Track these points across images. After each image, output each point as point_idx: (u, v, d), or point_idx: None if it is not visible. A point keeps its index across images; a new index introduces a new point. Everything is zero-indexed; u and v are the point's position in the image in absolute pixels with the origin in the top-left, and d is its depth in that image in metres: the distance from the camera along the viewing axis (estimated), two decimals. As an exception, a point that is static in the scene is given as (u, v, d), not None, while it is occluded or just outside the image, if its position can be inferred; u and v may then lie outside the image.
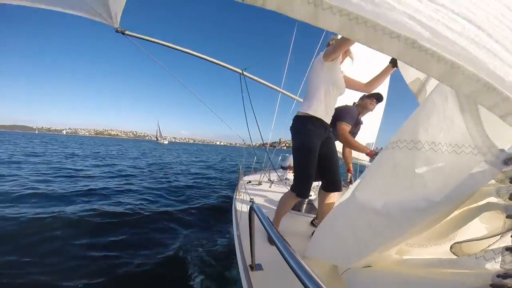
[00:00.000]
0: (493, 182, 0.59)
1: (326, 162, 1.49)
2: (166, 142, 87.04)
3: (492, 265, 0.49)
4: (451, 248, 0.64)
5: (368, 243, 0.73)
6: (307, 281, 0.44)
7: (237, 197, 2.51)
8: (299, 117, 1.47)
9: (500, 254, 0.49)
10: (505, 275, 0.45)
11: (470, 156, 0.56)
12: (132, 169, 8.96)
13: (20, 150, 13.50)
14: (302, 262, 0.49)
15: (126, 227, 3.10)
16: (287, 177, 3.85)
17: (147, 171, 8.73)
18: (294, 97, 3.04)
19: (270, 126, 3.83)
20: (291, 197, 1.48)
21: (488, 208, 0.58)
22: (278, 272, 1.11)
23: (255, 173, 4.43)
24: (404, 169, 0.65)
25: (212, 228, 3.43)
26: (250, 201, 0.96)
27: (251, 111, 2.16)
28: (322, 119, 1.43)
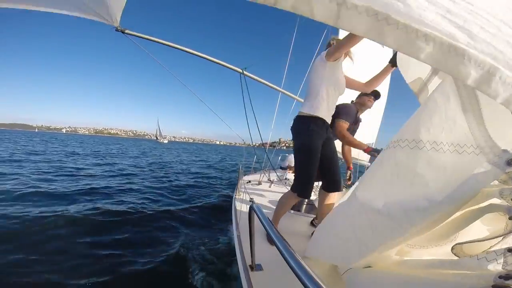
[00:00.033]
0: (496, 183, 0.58)
1: (326, 162, 1.48)
2: (166, 141, 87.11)
3: (494, 266, 0.49)
4: (452, 249, 0.63)
5: (368, 243, 0.73)
6: (307, 281, 0.44)
7: (237, 197, 2.50)
8: (301, 117, 1.45)
9: (503, 255, 0.48)
10: (507, 276, 0.45)
11: (472, 156, 0.56)
12: (133, 168, 8.99)
13: (21, 149, 13.54)
14: (302, 262, 0.49)
15: (129, 226, 3.13)
16: (287, 177, 3.85)
17: (148, 170, 8.76)
18: (294, 97, 3.04)
19: (270, 126, 3.82)
20: (292, 197, 1.47)
21: (491, 210, 0.58)
22: (278, 272, 1.11)
23: (255, 173, 4.43)
24: (405, 169, 0.65)
25: (214, 227, 3.46)
26: (250, 201, 0.96)
27: (251, 111, 2.16)
28: (325, 119, 1.43)
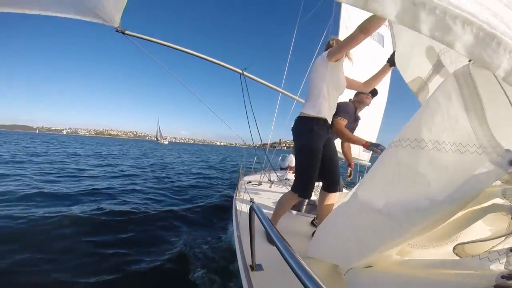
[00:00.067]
0: (499, 183, 0.58)
1: (327, 163, 1.47)
2: (167, 142, 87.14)
3: (497, 266, 0.48)
4: (454, 249, 0.63)
5: (369, 243, 0.73)
6: (307, 281, 0.44)
7: (237, 197, 2.50)
8: (303, 118, 1.44)
9: (505, 255, 0.48)
10: (510, 276, 0.44)
11: (475, 156, 0.55)
12: (135, 169, 9.02)
13: (23, 150, 13.62)
14: (302, 262, 0.49)
15: (133, 225, 3.16)
16: (287, 177, 3.84)
17: (150, 171, 8.78)
18: (294, 97, 3.03)
19: (270, 127, 3.81)
20: (292, 198, 1.46)
21: (493, 210, 0.57)
22: (278, 272, 1.11)
23: (255, 173, 4.43)
24: (407, 168, 0.64)
25: (215, 226, 3.49)
26: (250, 201, 0.96)
27: (251, 111, 2.16)
28: (326, 119, 1.42)
